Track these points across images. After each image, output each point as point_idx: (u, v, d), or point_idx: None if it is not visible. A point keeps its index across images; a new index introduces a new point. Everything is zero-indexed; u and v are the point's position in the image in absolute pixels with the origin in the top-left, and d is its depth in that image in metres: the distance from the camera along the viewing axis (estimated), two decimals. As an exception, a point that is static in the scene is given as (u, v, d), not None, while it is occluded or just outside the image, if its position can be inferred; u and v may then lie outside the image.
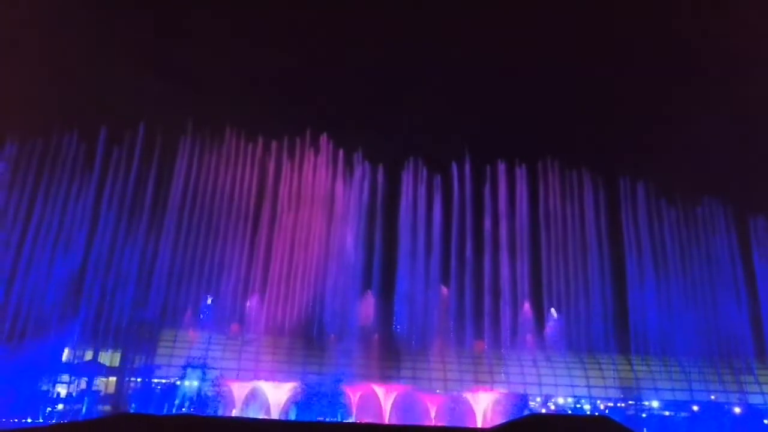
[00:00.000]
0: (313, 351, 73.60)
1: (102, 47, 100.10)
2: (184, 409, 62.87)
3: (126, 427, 30.39)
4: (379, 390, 63.69)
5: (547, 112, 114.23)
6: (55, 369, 64.13)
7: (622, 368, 75.36)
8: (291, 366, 70.86)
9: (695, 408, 67.63)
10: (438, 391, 70.66)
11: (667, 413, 67.95)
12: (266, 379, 66.46)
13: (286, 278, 75.73)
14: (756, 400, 77.41)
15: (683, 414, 66.22)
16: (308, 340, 74.23)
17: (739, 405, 77.15)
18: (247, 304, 75.70)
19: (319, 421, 54.56)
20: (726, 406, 75.69)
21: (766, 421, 73.32)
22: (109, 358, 70.27)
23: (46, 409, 58.79)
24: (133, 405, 62.39)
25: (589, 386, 77.77)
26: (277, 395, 64.23)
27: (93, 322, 68.51)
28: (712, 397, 73.40)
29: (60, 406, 60.56)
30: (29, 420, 54.24)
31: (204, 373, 64.58)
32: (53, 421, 54.22)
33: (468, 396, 67.22)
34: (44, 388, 60.77)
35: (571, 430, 27.44)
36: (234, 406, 64.01)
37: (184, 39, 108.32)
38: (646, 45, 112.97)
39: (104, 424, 34.55)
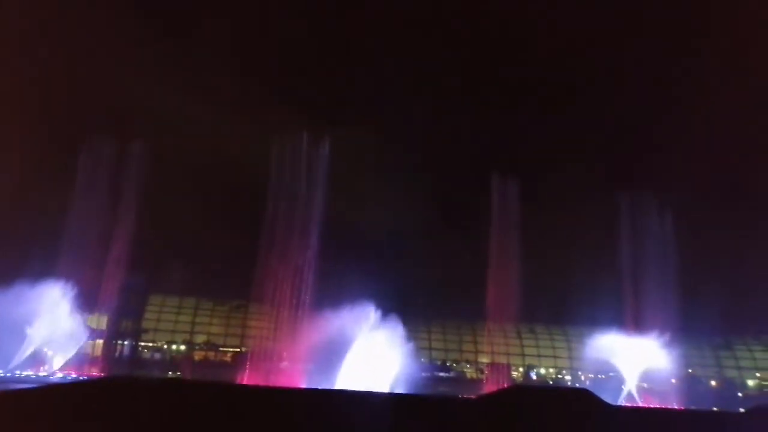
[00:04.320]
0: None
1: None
2: (170, 373, 63.61)
3: (114, 389, 30.51)
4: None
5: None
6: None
7: (603, 341, 76.75)
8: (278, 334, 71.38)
9: (673, 381, 69.17)
10: (422, 360, 71.90)
11: (645, 385, 69.59)
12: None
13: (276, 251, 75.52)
14: (731, 374, 79.68)
15: (662, 387, 67.79)
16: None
17: (715, 378, 79.46)
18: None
19: (312, 389, 55.18)
20: (703, 380, 77.95)
21: (740, 394, 75.61)
22: (96, 320, 70.50)
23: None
24: (120, 368, 62.91)
25: (570, 358, 79.53)
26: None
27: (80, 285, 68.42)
28: (690, 370, 75.29)
29: (47, 368, 60.83)
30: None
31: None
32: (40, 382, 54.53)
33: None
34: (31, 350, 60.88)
35: (551, 401, 28.11)
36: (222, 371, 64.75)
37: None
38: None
39: (92, 386, 34.70)
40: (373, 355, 62.37)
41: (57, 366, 60.27)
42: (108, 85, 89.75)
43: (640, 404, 63.93)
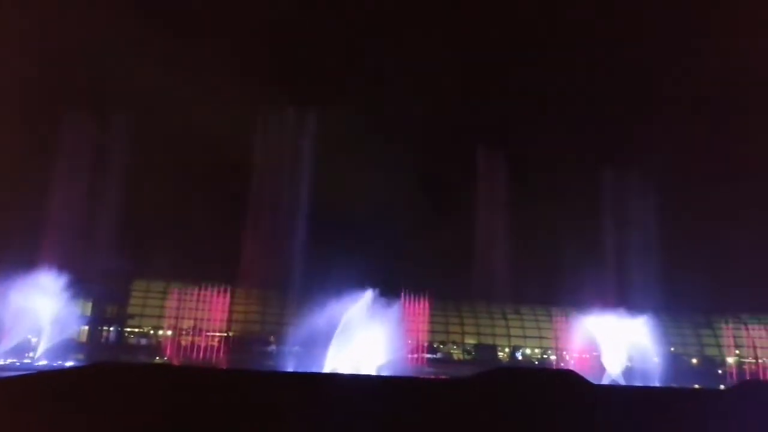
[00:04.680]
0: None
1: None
2: (157, 359, 63.45)
3: (100, 376, 30.32)
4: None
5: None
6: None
7: (587, 321, 77.78)
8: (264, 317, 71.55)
9: (655, 359, 70.43)
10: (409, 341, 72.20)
11: (629, 364, 70.74)
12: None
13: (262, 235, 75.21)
14: (712, 352, 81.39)
15: (645, 365, 68.95)
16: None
17: (696, 356, 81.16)
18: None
19: (299, 372, 55.32)
20: (684, 358, 79.55)
21: (719, 371, 77.37)
22: (81, 307, 69.96)
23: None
24: (106, 354, 62.61)
25: (555, 338, 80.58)
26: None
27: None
28: (672, 349, 76.74)
29: (31, 355, 60.41)
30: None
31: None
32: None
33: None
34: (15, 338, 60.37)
35: (536, 382, 28.47)
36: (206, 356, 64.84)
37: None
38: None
39: (78, 373, 34.45)
40: (360, 337, 62.73)
41: (42, 353, 59.86)
42: (90, 65, 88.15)
43: (624, 383, 65.08)
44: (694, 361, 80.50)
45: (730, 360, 79.94)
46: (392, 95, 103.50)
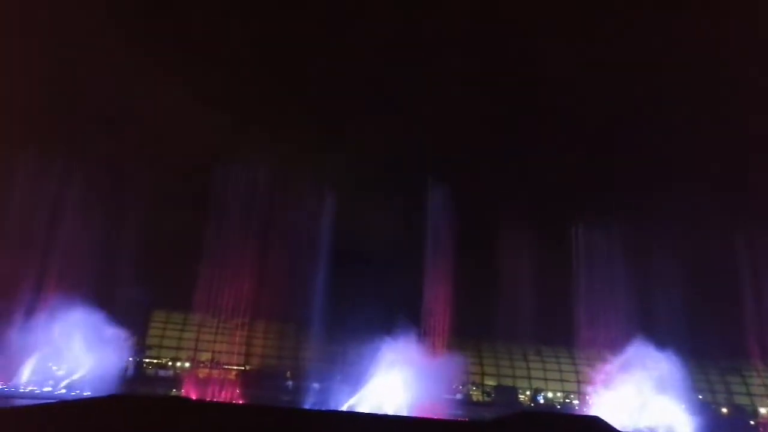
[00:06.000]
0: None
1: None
2: (174, 391, 63.11)
3: (117, 408, 30.23)
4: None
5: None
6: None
7: (611, 364, 75.83)
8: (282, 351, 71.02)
9: (682, 407, 68.05)
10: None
11: (655, 409, 68.38)
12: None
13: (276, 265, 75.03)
14: (743, 401, 78.26)
15: (669, 412, 66.59)
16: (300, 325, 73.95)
17: (726, 405, 78.04)
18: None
19: (316, 410, 54.65)
20: (713, 406, 76.56)
21: (752, 422, 74.16)
22: (100, 337, 70.12)
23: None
24: (125, 385, 62.46)
25: (578, 381, 78.43)
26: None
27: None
28: (700, 396, 74.01)
29: (51, 383, 60.57)
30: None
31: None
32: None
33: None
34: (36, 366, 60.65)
35: (561, 428, 27.59)
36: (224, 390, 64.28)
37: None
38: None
39: (95, 404, 34.38)
40: (378, 375, 61.91)
41: (61, 382, 59.99)
42: (105, 91, 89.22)
43: (650, 430, 62.89)
44: (724, 410, 77.44)
45: (763, 410, 76.80)
46: (409, 128, 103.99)
